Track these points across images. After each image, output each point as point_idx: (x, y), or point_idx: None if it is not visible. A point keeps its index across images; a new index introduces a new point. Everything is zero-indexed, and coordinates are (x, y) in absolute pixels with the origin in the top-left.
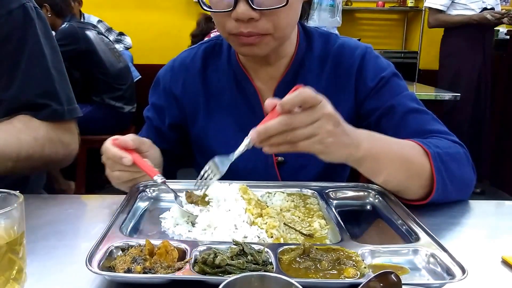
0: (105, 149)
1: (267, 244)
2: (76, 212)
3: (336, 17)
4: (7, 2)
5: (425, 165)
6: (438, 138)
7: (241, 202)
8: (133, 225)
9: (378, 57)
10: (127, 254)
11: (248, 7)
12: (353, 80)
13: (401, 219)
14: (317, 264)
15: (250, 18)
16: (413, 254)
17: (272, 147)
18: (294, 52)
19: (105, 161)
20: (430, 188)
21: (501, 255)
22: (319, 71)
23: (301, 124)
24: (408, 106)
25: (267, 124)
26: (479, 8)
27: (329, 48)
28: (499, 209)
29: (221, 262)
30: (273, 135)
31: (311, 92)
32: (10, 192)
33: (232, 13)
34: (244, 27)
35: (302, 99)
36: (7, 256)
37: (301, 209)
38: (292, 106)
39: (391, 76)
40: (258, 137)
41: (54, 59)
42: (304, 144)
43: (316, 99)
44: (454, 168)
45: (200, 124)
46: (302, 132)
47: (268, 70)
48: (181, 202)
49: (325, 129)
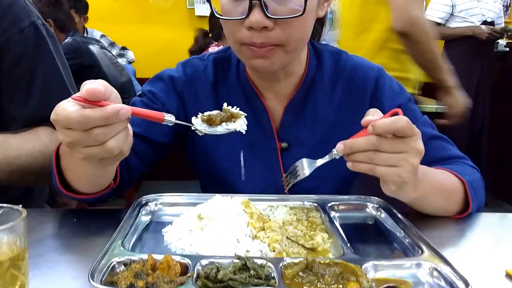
0: (83, 116)
1: (270, 259)
2: (78, 226)
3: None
4: (18, 21)
5: (460, 193)
6: (459, 163)
7: (244, 215)
8: (136, 239)
9: (391, 79)
10: (130, 269)
11: (262, 15)
12: (367, 104)
13: (404, 232)
14: (320, 279)
15: (263, 27)
16: (416, 268)
17: (354, 163)
18: (304, 71)
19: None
20: (459, 208)
21: (505, 269)
22: (330, 91)
23: (388, 149)
24: (428, 134)
25: (355, 140)
26: (479, 21)
27: (340, 67)
28: (502, 222)
29: (224, 277)
30: (358, 152)
31: (408, 122)
32: (13, 207)
33: (246, 21)
34: (256, 37)
35: (398, 129)
36: (10, 271)
37: (304, 223)
38: (385, 132)
39: (407, 103)
40: (344, 149)
41: (66, 74)
42: (383, 170)
43: (412, 131)
44: (480, 195)
45: (210, 140)
46: (387, 158)
47: (277, 87)
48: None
49: (409, 163)
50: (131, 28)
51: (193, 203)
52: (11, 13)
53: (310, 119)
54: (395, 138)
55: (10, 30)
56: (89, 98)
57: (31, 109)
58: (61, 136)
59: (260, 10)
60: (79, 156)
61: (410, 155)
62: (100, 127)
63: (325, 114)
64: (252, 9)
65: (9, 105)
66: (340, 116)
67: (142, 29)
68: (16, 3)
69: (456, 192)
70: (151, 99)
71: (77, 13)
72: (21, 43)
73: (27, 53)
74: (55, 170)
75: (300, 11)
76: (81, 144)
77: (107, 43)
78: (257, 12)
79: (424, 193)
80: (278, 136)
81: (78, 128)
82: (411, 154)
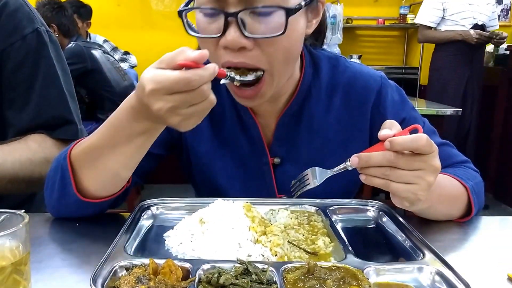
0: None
1: (272, 263)
2: (80, 231)
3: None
4: (21, 28)
5: (463, 199)
6: (462, 167)
7: (245, 219)
8: (137, 244)
9: (392, 88)
10: (131, 274)
11: (239, 33)
12: (368, 116)
13: (405, 236)
14: (322, 283)
15: (241, 47)
16: (418, 272)
17: (368, 177)
18: (299, 81)
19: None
20: (462, 212)
21: (507, 273)
22: (328, 102)
23: (404, 167)
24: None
25: (370, 154)
26: (470, 24)
27: (339, 75)
28: (503, 225)
29: (225, 282)
30: (373, 166)
31: (428, 140)
32: (16, 212)
33: (221, 39)
34: (235, 57)
35: (417, 148)
36: (12, 277)
37: (305, 227)
38: (402, 149)
39: (410, 114)
40: (359, 163)
41: (66, 81)
42: (398, 187)
43: (430, 148)
44: (481, 199)
45: (205, 154)
46: (403, 175)
47: (268, 105)
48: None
49: (426, 181)
50: (133, 33)
51: (194, 208)
52: (15, 19)
53: (305, 133)
54: (413, 155)
55: (13, 37)
56: (200, 61)
57: (28, 116)
58: (161, 104)
59: (236, 28)
60: (178, 119)
61: (427, 172)
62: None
63: (322, 127)
64: (228, 27)
65: (8, 111)
66: (338, 129)
67: (144, 34)
68: (20, 9)
69: (460, 198)
70: None
71: (80, 18)
72: (23, 49)
73: (29, 60)
74: (71, 177)
75: (281, 29)
76: (187, 104)
77: (110, 48)
78: (233, 30)
79: (432, 203)
80: (270, 151)
81: (190, 88)
82: (427, 172)
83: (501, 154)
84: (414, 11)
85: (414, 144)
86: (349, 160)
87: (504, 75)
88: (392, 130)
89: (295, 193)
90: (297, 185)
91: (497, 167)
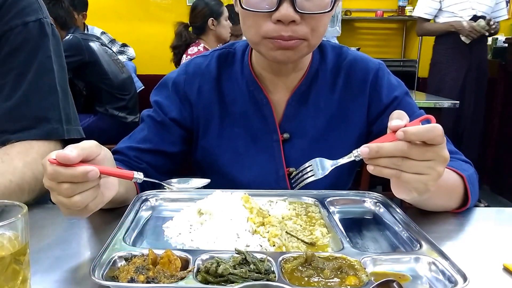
0: (54, 172)
1: (269, 253)
2: (79, 222)
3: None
4: (25, 15)
5: (460, 189)
6: (453, 160)
7: (243, 210)
8: (136, 234)
9: (390, 73)
10: (130, 264)
11: (291, 9)
12: (366, 94)
13: (402, 227)
14: (319, 273)
15: (291, 21)
16: (415, 262)
17: (377, 167)
18: (308, 64)
19: (55, 187)
20: (459, 203)
21: (503, 263)
22: (332, 83)
23: (417, 157)
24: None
25: (382, 144)
26: (469, 16)
27: (342, 60)
28: (499, 216)
29: (224, 271)
30: (384, 157)
31: (441, 131)
32: (14, 203)
33: (274, 14)
34: (284, 31)
35: (431, 138)
36: (12, 266)
37: (303, 218)
38: (417, 139)
39: (403, 95)
40: (369, 153)
41: (61, 77)
42: (409, 177)
43: (442, 139)
44: (476, 189)
45: (213, 133)
46: (415, 165)
47: (282, 81)
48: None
49: (436, 171)
50: (131, 25)
51: (193, 199)
52: (19, 5)
53: (312, 110)
54: (425, 145)
55: (14, 21)
56: (60, 161)
57: (14, 102)
58: (44, 176)
59: (289, 4)
60: (53, 199)
61: (438, 163)
62: (68, 183)
63: (326, 105)
64: (281, 3)
65: None
66: (341, 107)
67: (142, 26)
68: None
69: (457, 188)
70: (156, 111)
71: (76, 10)
72: (22, 35)
73: (26, 47)
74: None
75: (328, 7)
76: (54, 192)
77: (108, 40)
78: (286, 5)
79: (431, 194)
80: (280, 127)
81: (50, 179)
82: (438, 162)
83: (498, 146)
84: (413, 3)
85: (430, 134)
86: (356, 151)
87: (502, 68)
88: (403, 120)
89: (297, 185)
90: (300, 176)
91: (494, 159)
